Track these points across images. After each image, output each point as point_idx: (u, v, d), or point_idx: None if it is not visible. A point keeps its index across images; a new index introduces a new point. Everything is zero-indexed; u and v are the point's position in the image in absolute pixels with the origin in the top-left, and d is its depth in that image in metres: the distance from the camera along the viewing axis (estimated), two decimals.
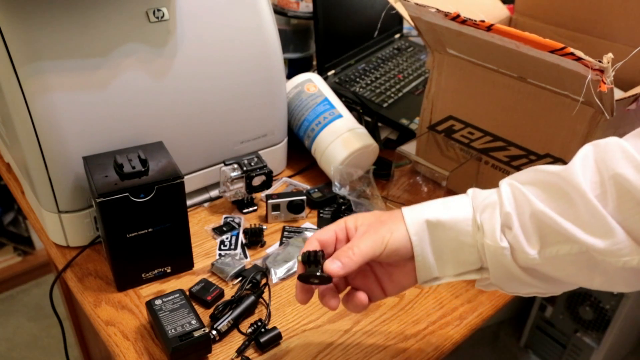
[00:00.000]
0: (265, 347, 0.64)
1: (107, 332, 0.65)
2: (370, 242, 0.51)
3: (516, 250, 0.48)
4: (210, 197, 0.88)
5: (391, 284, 0.55)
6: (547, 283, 0.50)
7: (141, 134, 0.74)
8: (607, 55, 0.54)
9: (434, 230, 0.52)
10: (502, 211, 0.49)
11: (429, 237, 0.52)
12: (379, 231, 0.52)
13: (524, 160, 0.77)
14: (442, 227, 0.51)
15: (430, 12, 0.69)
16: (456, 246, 0.52)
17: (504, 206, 0.49)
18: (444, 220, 0.51)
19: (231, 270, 0.73)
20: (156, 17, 0.71)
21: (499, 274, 0.51)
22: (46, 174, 0.70)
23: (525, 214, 0.48)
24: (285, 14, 1.10)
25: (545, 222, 0.47)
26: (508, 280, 0.51)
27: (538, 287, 0.51)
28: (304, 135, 0.93)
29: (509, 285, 0.52)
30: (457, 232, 0.51)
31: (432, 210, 0.52)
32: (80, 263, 0.75)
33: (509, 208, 0.49)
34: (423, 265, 0.53)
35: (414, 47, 1.27)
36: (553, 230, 0.46)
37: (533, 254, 0.47)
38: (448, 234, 0.51)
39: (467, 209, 0.52)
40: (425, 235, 0.52)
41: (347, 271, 0.50)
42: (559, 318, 1.63)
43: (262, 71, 0.83)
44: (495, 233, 0.49)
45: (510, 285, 0.52)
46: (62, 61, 0.66)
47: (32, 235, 1.94)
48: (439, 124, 0.86)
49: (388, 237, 0.51)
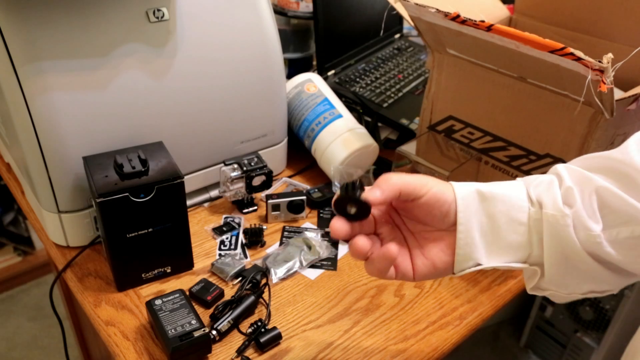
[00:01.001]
0: (265, 347, 0.64)
1: (107, 332, 0.65)
2: (413, 179, 0.47)
3: (578, 227, 0.44)
4: (210, 197, 0.88)
5: (422, 259, 0.49)
6: (607, 271, 0.46)
7: (141, 134, 0.74)
8: (607, 55, 0.54)
9: (484, 202, 0.47)
10: (563, 186, 0.46)
11: (477, 207, 0.47)
12: (422, 177, 0.48)
13: (524, 160, 0.77)
14: (494, 199, 0.47)
15: (430, 12, 0.68)
16: (506, 222, 0.47)
17: (564, 181, 0.46)
18: (496, 193, 0.47)
19: (231, 270, 0.73)
20: (156, 17, 0.71)
21: (555, 257, 0.46)
22: (46, 174, 0.70)
23: (587, 191, 0.45)
24: (285, 14, 1.10)
25: (608, 201, 0.44)
26: (564, 268, 0.46)
27: (595, 279, 0.46)
28: (304, 135, 0.93)
29: (565, 278, 0.47)
30: (509, 206, 0.46)
31: (484, 184, 0.48)
32: (80, 263, 0.75)
33: (570, 183, 0.45)
34: (465, 241, 0.47)
35: (414, 47, 1.27)
36: (615, 210, 0.44)
37: (597, 230, 0.44)
38: (499, 207, 0.47)
39: (519, 185, 0.48)
40: (474, 204, 0.47)
41: (387, 197, 0.46)
42: (559, 318, 1.63)
43: (262, 71, 0.83)
44: (557, 203, 0.45)
45: (565, 279, 0.47)
46: (62, 61, 0.66)
47: (32, 235, 1.94)
48: (439, 124, 0.86)
49: (432, 184, 0.47)
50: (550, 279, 0.47)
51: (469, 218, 0.47)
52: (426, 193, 0.46)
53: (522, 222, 0.47)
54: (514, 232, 0.47)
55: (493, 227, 0.47)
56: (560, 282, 0.47)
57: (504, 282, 0.75)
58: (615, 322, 1.48)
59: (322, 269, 0.76)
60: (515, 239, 0.47)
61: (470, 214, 0.47)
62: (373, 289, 0.73)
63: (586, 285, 0.47)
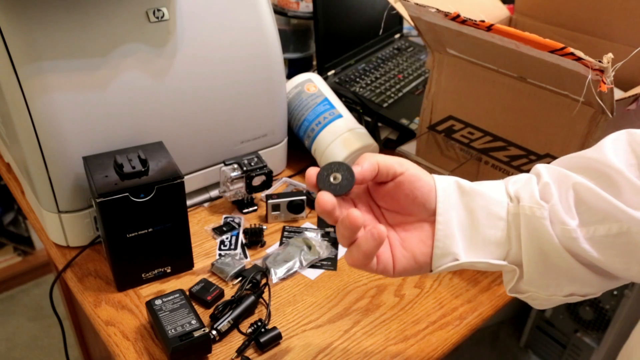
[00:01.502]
0: (265, 347, 0.64)
1: (107, 332, 0.65)
2: (390, 157, 0.47)
3: (554, 222, 0.44)
4: (210, 197, 0.88)
5: (402, 250, 0.48)
6: (587, 271, 0.45)
7: (141, 134, 0.74)
8: (607, 55, 0.54)
9: (464, 196, 0.47)
10: (541, 182, 0.46)
11: (457, 200, 0.47)
12: (399, 158, 0.47)
13: (524, 160, 0.77)
14: (473, 193, 0.47)
15: (430, 12, 0.69)
16: (485, 217, 0.46)
17: (542, 177, 0.46)
18: (475, 188, 0.47)
19: (231, 270, 0.73)
20: (156, 17, 0.71)
21: (534, 254, 0.45)
22: (46, 174, 0.70)
23: (564, 187, 0.45)
24: (285, 14, 1.10)
25: (584, 197, 0.44)
26: (543, 266, 0.46)
27: (576, 279, 0.46)
28: (304, 135, 0.93)
29: (544, 277, 0.46)
30: (488, 200, 0.47)
31: (463, 180, 0.48)
32: (80, 263, 0.75)
33: (548, 179, 0.46)
34: (444, 233, 0.46)
35: (414, 47, 1.27)
36: (592, 207, 0.44)
37: (573, 225, 0.43)
38: (478, 201, 0.47)
39: (498, 183, 0.49)
40: (454, 196, 0.47)
41: (366, 171, 0.45)
42: (559, 318, 1.63)
43: (262, 71, 0.83)
44: (534, 196, 0.45)
45: (545, 279, 0.46)
46: (62, 61, 0.66)
47: (32, 235, 1.94)
48: (439, 124, 0.86)
49: (410, 165, 0.47)
50: (529, 279, 0.47)
51: (448, 209, 0.46)
52: (404, 171, 0.46)
53: (501, 216, 0.46)
54: (493, 226, 0.46)
55: (472, 221, 0.47)
56: (539, 283, 0.47)
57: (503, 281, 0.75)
58: (615, 322, 1.48)
59: (322, 269, 0.76)
60: (494, 234, 0.47)
61: (450, 206, 0.46)
62: (373, 289, 0.73)
63: (567, 286, 0.47)
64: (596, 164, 0.45)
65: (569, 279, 0.46)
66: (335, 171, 0.45)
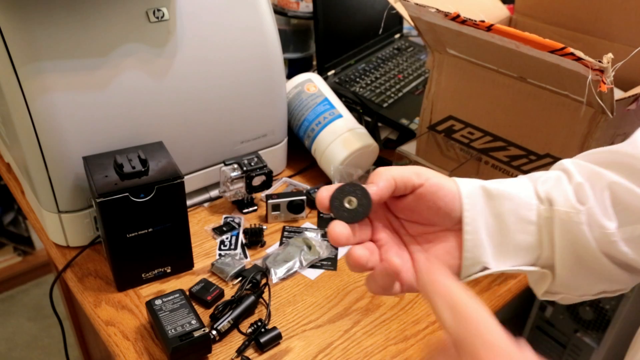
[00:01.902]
0: (265, 347, 0.64)
1: (107, 332, 0.65)
2: (406, 169, 0.42)
3: (592, 225, 0.41)
4: (210, 197, 0.88)
5: None
6: (620, 270, 0.43)
7: (141, 134, 0.74)
8: (607, 55, 0.54)
9: (490, 200, 0.43)
10: (573, 181, 0.43)
11: (483, 206, 0.43)
12: (416, 167, 0.44)
13: (524, 160, 0.77)
14: (500, 197, 0.43)
15: (430, 12, 0.68)
16: (515, 222, 0.43)
17: (573, 176, 0.43)
18: (503, 190, 0.43)
19: (231, 270, 0.73)
20: (156, 17, 0.71)
21: (568, 258, 0.43)
22: (46, 174, 0.70)
23: (598, 186, 0.42)
24: (285, 14, 1.10)
25: (621, 197, 0.42)
26: (577, 269, 0.43)
27: (609, 279, 0.44)
28: (304, 135, 0.93)
29: (578, 279, 0.44)
30: (517, 204, 0.43)
31: (488, 181, 0.44)
32: (80, 263, 0.75)
33: (580, 178, 0.43)
34: (473, 243, 0.43)
35: (414, 47, 1.27)
36: (630, 207, 0.41)
37: (612, 229, 0.41)
38: (507, 205, 0.43)
39: (525, 182, 0.45)
40: (480, 202, 0.43)
41: (382, 190, 0.41)
42: (559, 318, 1.63)
43: (262, 71, 0.83)
44: (569, 199, 0.42)
45: (577, 280, 0.44)
46: (62, 61, 0.66)
47: (32, 235, 1.94)
48: (439, 124, 0.86)
49: (429, 174, 0.43)
50: (561, 282, 0.44)
51: (475, 217, 0.43)
52: (424, 182, 0.42)
53: (532, 220, 0.43)
54: (523, 231, 0.43)
55: (501, 227, 0.43)
56: (571, 284, 0.45)
57: (504, 282, 0.75)
58: (615, 322, 1.48)
59: (322, 269, 0.76)
60: (524, 239, 0.44)
61: (477, 213, 0.43)
62: None
63: (598, 285, 0.45)
64: (630, 159, 0.42)
65: (601, 279, 0.44)
66: (349, 194, 0.41)
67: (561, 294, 0.46)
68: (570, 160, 0.46)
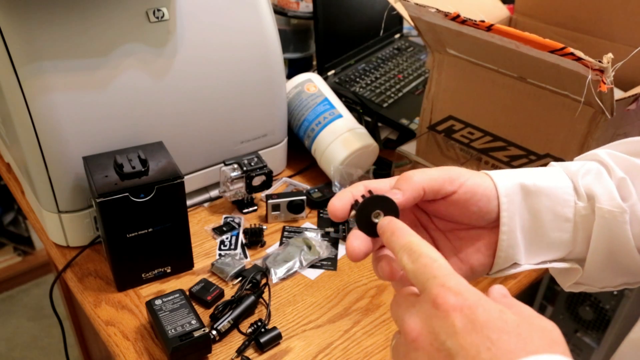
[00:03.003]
0: (265, 347, 0.64)
1: (107, 332, 0.65)
2: (439, 173, 0.40)
3: (633, 223, 0.40)
4: (210, 197, 0.88)
5: (459, 263, 0.43)
6: None
7: (141, 134, 0.74)
8: (607, 55, 0.54)
9: (528, 197, 0.41)
10: (615, 176, 0.41)
11: (520, 203, 0.41)
12: (450, 170, 0.41)
13: (524, 160, 0.77)
14: (538, 193, 0.41)
15: (430, 12, 0.68)
16: (551, 219, 0.42)
17: (614, 171, 0.41)
18: (541, 186, 0.41)
19: (231, 270, 0.73)
20: (156, 17, 0.71)
21: (601, 254, 0.42)
22: (46, 174, 0.70)
23: (638, 180, 0.41)
24: (285, 14, 1.10)
25: None
26: (609, 263, 0.42)
27: (635, 273, 0.43)
28: (304, 135, 0.93)
29: (605, 273, 0.43)
30: (554, 200, 0.41)
31: (525, 175, 0.42)
32: (80, 263, 0.75)
33: (622, 173, 0.41)
34: (508, 243, 0.41)
35: (414, 47, 1.27)
36: None
37: None
38: (544, 202, 0.41)
39: (561, 174, 0.43)
40: (517, 200, 0.41)
41: (408, 199, 0.39)
42: (559, 318, 1.63)
43: (262, 71, 0.83)
44: (614, 197, 0.40)
45: (605, 274, 0.43)
46: (62, 61, 0.66)
47: (32, 235, 1.94)
48: (439, 124, 0.86)
49: (465, 177, 0.41)
50: (588, 275, 0.43)
51: (513, 217, 0.41)
52: (458, 188, 0.40)
53: (568, 218, 0.42)
54: (559, 229, 0.42)
55: (536, 224, 0.42)
56: (596, 277, 0.44)
57: (504, 282, 0.75)
58: (615, 322, 1.48)
59: (322, 269, 0.76)
60: (559, 236, 0.42)
61: (514, 212, 0.41)
62: (373, 289, 0.73)
63: (622, 278, 0.44)
64: None
65: (627, 273, 0.43)
66: (375, 207, 0.38)
67: (585, 285, 0.45)
68: (604, 151, 0.44)
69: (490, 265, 0.43)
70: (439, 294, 0.31)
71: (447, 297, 0.31)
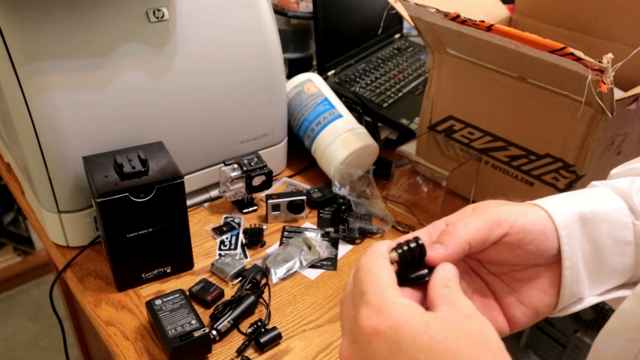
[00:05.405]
0: (265, 347, 0.64)
1: (107, 332, 0.65)
2: (483, 221, 0.37)
3: None
4: (210, 197, 0.88)
5: (521, 307, 0.40)
6: None
7: (141, 134, 0.74)
8: (607, 55, 0.54)
9: (586, 226, 0.39)
10: None
11: (581, 235, 0.39)
12: (495, 212, 0.38)
13: (524, 160, 0.77)
14: (596, 220, 0.39)
15: (430, 12, 0.69)
16: (612, 245, 0.39)
17: None
18: (597, 211, 0.39)
19: (231, 270, 0.73)
20: (156, 17, 0.71)
21: None
22: (46, 174, 0.70)
23: None
24: (285, 14, 1.10)
25: None
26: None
27: None
28: (304, 135, 0.93)
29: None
30: (612, 225, 0.39)
31: (579, 201, 0.39)
32: (80, 263, 0.75)
33: None
34: (572, 278, 0.39)
35: (414, 47, 1.27)
36: None
37: None
38: (603, 229, 0.39)
39: (612, 196, 0.40)
40: (577, 231, 0.38)
41: (452, 256, 0.36)
42: (559, 318, 1.63)
43: (262, 71, 0.83)
44: None
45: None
46: (62, 61, 0.66)
47: (32, 235, 1.94)
48: (439, 124, 0.86)
49: (513, 217, 0.37)
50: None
51: (574, 250, 0.38)
52: (509, 229, 0.37)
53: (629, 241, 0.39)
54: (621, 254, 0.40)
55: (597, 253, 0.39)
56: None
57: None
58: None
59: (322, 269, 0.76)
60: (621, 262, 0.40)
61: (575, 244, 0.38)
62: None
63: None
64: None
65: None
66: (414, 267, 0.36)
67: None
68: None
69: (554, 303, 0.40)
70: (362, 313, 0.31)
71: (370, 317, 0.31)
